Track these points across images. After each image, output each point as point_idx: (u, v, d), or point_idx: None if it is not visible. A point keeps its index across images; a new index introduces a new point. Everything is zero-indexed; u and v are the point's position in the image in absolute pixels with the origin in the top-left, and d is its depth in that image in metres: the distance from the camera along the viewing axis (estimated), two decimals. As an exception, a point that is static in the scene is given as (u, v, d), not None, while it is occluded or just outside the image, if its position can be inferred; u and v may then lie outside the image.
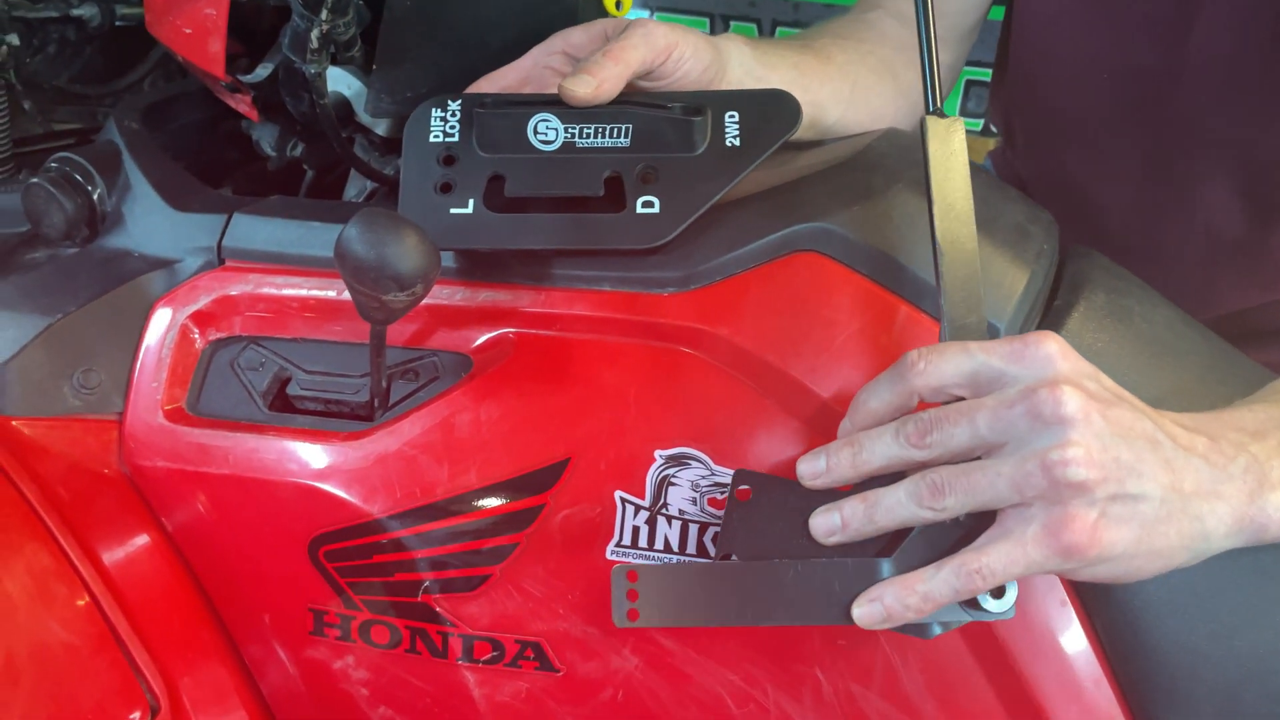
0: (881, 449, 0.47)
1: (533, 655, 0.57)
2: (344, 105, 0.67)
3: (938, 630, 0.49)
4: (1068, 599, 0.54)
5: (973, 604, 0.47)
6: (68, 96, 0.88)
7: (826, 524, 0.49)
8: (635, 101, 0.58)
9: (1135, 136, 0.77)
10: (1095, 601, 0.54)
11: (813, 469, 0.49)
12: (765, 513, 0.50)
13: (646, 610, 0.48)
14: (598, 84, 0.56)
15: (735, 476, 0.50)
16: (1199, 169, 0.76)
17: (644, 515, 0.55)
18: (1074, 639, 0.54)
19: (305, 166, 0.76)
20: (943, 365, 0.47)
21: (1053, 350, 0.46)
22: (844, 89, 0.70)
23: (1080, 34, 0.76)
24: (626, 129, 0.57)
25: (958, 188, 0.51)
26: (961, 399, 0.47)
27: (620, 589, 0.49)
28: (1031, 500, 0.45)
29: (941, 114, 0.52)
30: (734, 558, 0.50)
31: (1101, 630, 0.54)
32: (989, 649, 0.54)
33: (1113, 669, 0.54)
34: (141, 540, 0.60)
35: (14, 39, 0.77)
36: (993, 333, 0.55)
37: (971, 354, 0.47)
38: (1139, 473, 0.45)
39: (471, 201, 0.56)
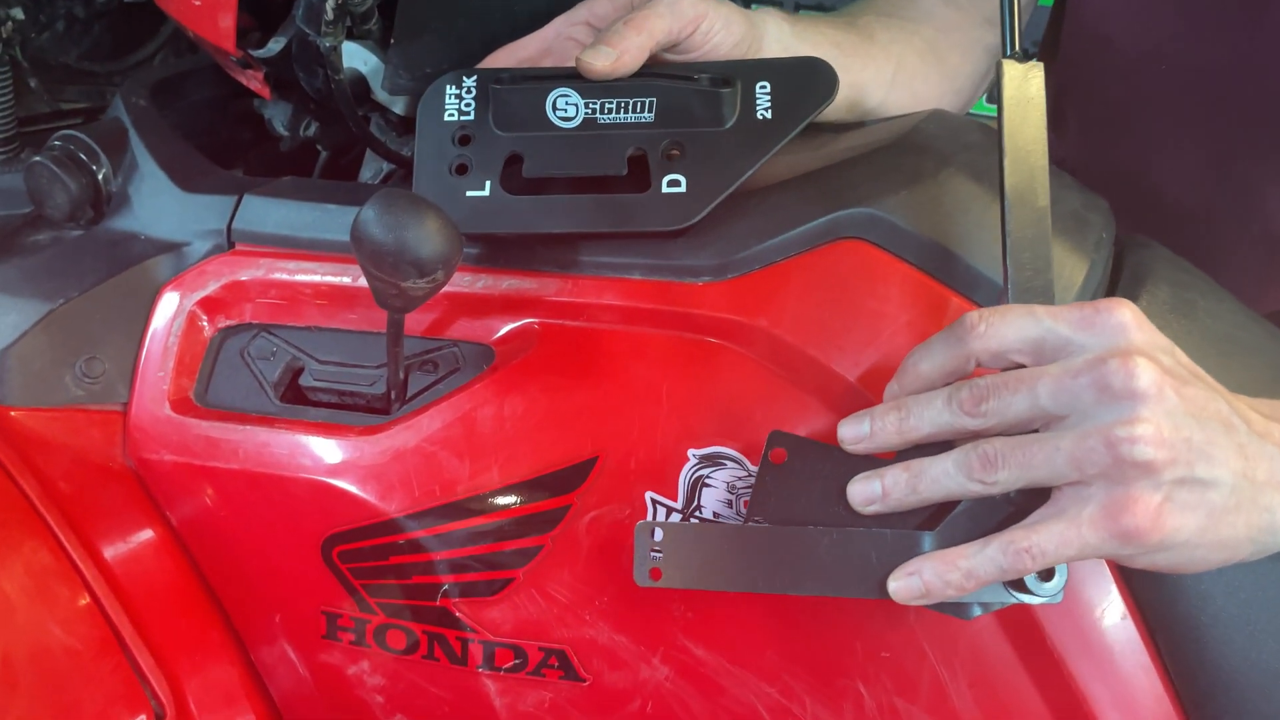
0: (931, 415, 0.45)
1: (557, 663, 0.55)
2: (360, 82, 0.65)
3: (978, 611, 0.47)
4: (1128, 613, 0.51)
5: (1019, 585, 0.45)
6: (76, 75, 0.87)
7: (865, 492, 0.46)
8: (660, 73, 0.55)
9: (1195, 132, 0.74)
10: (1159, 616, 0.51)
11: (855, 433, 0.46)
12: (800, 477, 0.48)
13: (670, 570, 0.47)
14: (616, 56, 0.53)
15: (770, 438, 0.48)
16: (1261, 170, 0.72)
17: (676, 518, 0.52)
18: (1135, 656, 0.51)
19: (319, 147, 0.74)
20: (1004, 329, 0.44)
21: (1126, 318, 0.43)
22: (887, 71, 0.68)
23: (1142, 21, 0.73)
24: (650, 103, 0.55)
25: (1033, 138, 0.48)
26: (1021, 366, 0.45)
27: (644, 546, 0.47)
28: (1091, 479, 0.42)
29: (1020, 57, 0.49)
30: (765, 523, 0.48)
31: (1164, 646, 0.51)
32: (1044, 664, 0.51)
33: (1176, 689, 0.51)
34: (146, 537, 0.59)
35: (18, 13, 0.74)
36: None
37: (1037, 318, 0.44)
38: (1210, 457, 0.42)
39: (488, 183, 0.54)
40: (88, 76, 0.87)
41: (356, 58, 0.65)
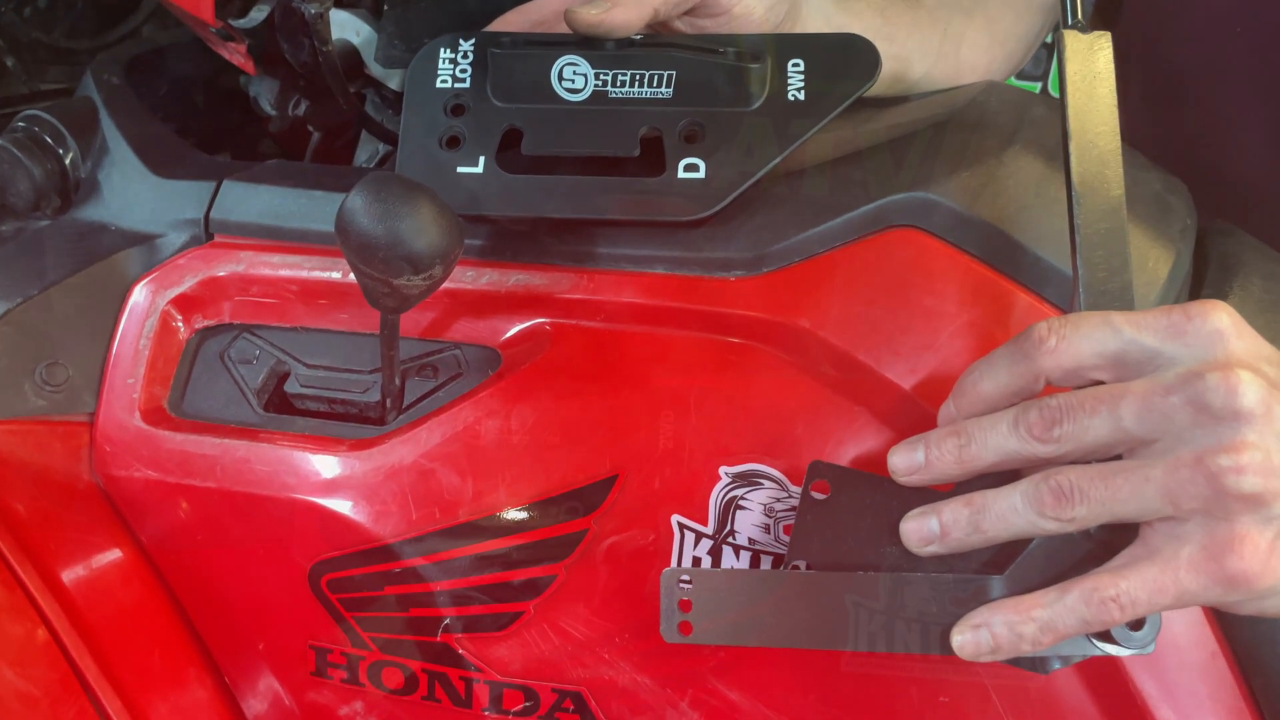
0: (995, 441, 0.40)
1: (572, 706, 0.51)
2: (352, 55, 0.61)
3: (1056, 665, 0.43)
4: (1219, 652, 0.46)
5: (1103, 634, 0.41)
6: (58, 53, 0.83)
7: (921, 531, 0.42)
8: (681, 44, 0.51)
9: (1270, 104, 0.69)
10: (1253, 658, 0.46)
11: (908, 462, 0.42)
12: (846, 514, 0.44)
13: (701, 624, 0.43)
14: (609, 7, 0.49)
15: (811, 469, 0.44)
16: None
17: (706, 544, 0.48)
18: (1228, 700, 0.46)
19: (310, 128, 0.69)
20: (1079, 342, 0.39)
21: (1224, 324, 0.38)
22: (933, 38, 0.63)
23: None
24: (669, 76, 0.50)
25: (1102, 119, 0.44)
26: (1099, 383, 0.40)
27: (671, 597, 0.43)
28: (1188, 514, 0.38)
29: (1083, 27, 0.44)
30: (807, 567, 0.44)
31: (1260, 692, 0.46)
32: (1126, 714, 0.46)
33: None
34: (114, 562, 0.54)
35: (-9, -12, 0.70)
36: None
37: (1116, 328, 0.39)
38: None
39: (482, 159, 0.50)
40: (69, 55, 0.83)
41: (347, 28, 0.60)
